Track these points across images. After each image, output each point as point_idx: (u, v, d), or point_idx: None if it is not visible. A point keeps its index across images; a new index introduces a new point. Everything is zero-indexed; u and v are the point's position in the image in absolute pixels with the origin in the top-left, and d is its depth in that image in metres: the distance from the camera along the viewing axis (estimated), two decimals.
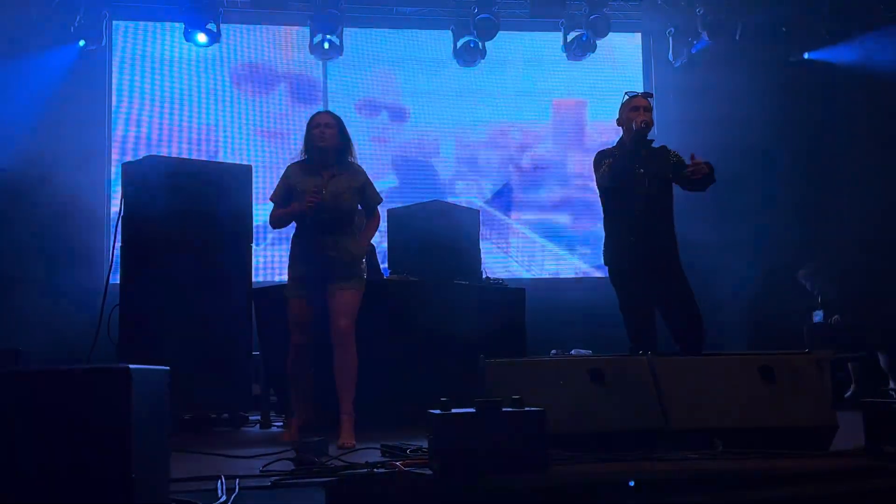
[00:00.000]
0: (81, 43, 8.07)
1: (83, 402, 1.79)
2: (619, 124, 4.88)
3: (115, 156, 8.30)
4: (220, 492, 2.46)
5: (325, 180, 4.36)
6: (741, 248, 8.15)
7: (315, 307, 4.39)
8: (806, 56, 8.93)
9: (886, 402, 3.28)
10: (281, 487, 2.57)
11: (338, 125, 4.41)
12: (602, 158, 4.80)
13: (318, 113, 4.53)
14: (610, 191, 4.79)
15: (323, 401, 4.67)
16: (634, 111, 4.70)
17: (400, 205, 6.92)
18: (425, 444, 3.00)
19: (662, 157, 4.78)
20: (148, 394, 1.97)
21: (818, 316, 7.31)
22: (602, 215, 4.97)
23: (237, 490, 2.49)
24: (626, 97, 4.83)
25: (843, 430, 3.62)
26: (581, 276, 9.08)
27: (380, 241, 6.49)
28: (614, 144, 4.90)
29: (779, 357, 3.87)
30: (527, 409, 2.91)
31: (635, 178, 4.67)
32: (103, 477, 1.75)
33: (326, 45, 8.45)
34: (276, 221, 4.47)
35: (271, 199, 4.55)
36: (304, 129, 4.50)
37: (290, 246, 4.50)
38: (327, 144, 4.35)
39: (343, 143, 4.42)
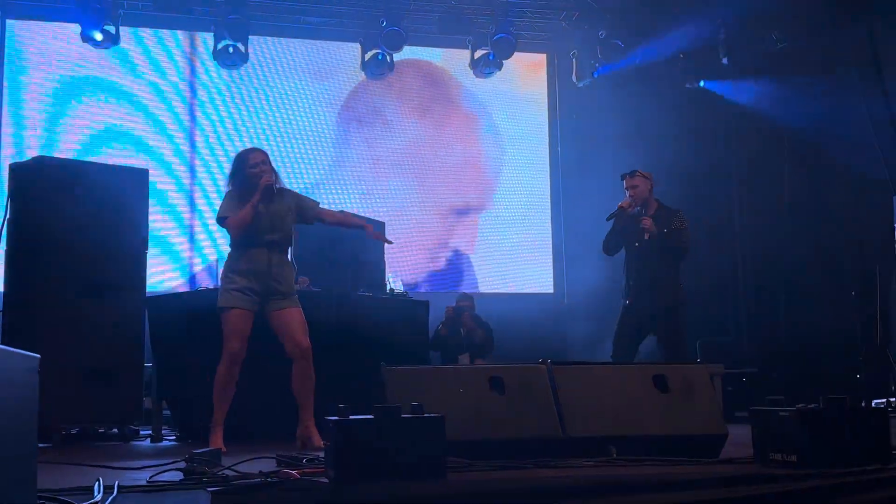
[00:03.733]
0: None
1: None
2: None
3: (4, 156, 7.91)
4: (96, 491, 2.31)
5: (266, 205, 4.55)
6: None
7: (255, 320, 4.58)
8: (702, 84, 9.22)
9: (773, 411, 3.36)
10: (163, 491, 2.44)
11: (269, 159, 4.65)
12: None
13: (252, 152, 4.68)
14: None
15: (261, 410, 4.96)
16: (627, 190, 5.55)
17: None
18: (323, 455, 2.93)
19: (667, 218, 5.48)
20: (10, 380, 1.83)
21: None
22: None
23: (115, 493, 2.34)
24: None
25: None
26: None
27: None
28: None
29: (673, 367, 3.97)
30: (425, 415, 2.88)
31: (635, 234, 5.47)
32: None
33: (231, 51, 8.31)
34: (240, 221, 4.49)
35: (227, 217, 4.54)
36: (235, 163, 4.67)
37: (227, 261, 4.60)
38: (270, 181, 4.54)
39: (276, 173, 4.66)
